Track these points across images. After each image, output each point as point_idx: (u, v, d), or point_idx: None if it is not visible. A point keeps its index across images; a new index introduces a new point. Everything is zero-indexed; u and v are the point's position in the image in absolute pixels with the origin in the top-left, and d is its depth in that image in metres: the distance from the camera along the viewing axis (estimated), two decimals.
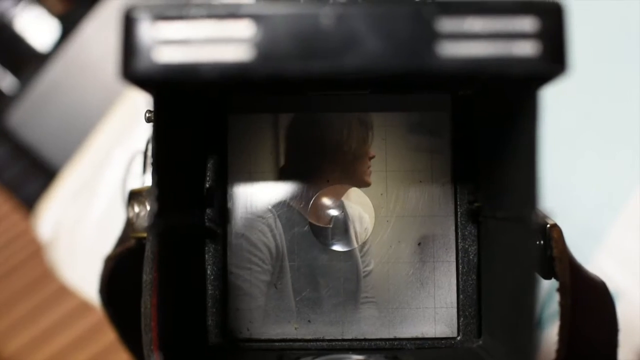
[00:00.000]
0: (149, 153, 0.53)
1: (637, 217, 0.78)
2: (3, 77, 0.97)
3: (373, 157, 0.49)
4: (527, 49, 0.34)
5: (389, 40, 0.33)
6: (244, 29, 0.33)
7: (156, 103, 0.36)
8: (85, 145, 0.91)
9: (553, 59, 0.34)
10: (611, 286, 0.49)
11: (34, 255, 0.94)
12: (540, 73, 0.34)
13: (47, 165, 0.93)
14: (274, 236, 0.48)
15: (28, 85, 0.94)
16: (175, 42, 0.33)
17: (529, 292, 0.36)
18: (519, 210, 0.38)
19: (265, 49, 0.33)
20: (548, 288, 0.45)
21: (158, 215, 0.36)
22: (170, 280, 0.40)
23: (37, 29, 0.98)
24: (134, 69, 0.34)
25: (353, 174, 0.49)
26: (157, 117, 0.36)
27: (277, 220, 0.49)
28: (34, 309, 0.92)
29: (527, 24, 0.34)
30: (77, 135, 0.91)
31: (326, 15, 0.33)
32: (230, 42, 0.33)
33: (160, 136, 0.37)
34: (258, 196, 0.49)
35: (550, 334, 0.43)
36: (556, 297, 0.42)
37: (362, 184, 0.49)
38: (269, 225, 0.49)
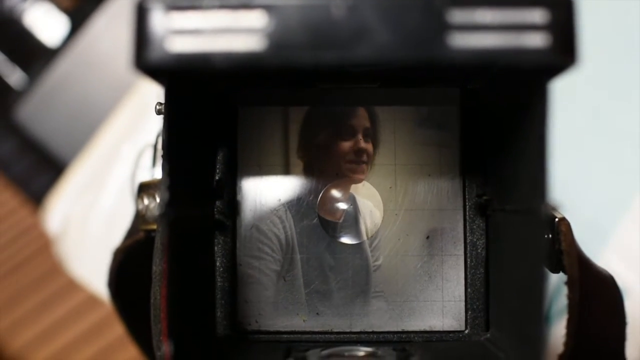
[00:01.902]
0: (159, 146, 0.53)
1: None
2: (12, 72, 0.97)
3: (359, 150, 0.49)
4: (537, 40, 0.34)
5: (399, 31, 0.33)
6: (256, 19, 0.34)
7: (168, 93, 0.36)
8: (93, 140, 0.91)
9: (563, 51, 0.34)
10: (618, 283, 0.49)
11: (43, 249, 0.94)
12: (550, 65, 0.34)
13: (56, 160, 0.93)
14: (284, 228, 0.49)
15: (37, 80, 0.95)
16: (188, 32, 0.34)
17: (538, 284, 0.36)
18: (529, 203, 0.38)
19: (277, 39, 0.34)
20: (557, 283, 0.45)
21: (168, 205, 0.36)
22: (180, 271, 0.40)
23: (46, 24, 0.98)
24: (147, 59, 0.34)
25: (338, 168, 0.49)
26: (169, 107, 0.37)
27: (288, 212, 0.49)
28: (43, 302, 0.92)
29: (537, 15, 0.34)
30: (85, 130, 0.92)
31: (337, 6, 0.34)
32: (243, 32, 0.34)
33: (171, 126, 0.37)
34: (267, 189, 0.49)
35: (559, 328, 0.43)
36: (565, 291, 0.42)
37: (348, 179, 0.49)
38: (279, 217, 0.49)
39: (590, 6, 0.81)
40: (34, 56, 0.97)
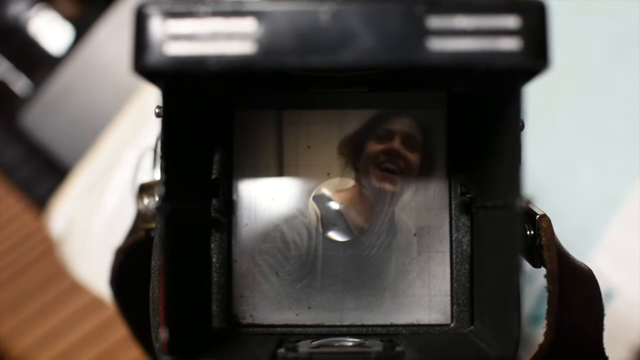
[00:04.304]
0: (158, 149, 0.55)
1: (633, 216, 0.79)
2: (17, 79, 0.99)
3: (392, 151, 0.51)
4: (511, 44, 0.36)
5: (382, 36, 0.36)
6: (248, 25, 0.36)
7: (165, 95, 0.39)
8: (96, 145, 0.92)
9: (535, 55, 0.36)
10: (607, 284, 0.50)
11: (46, 253, 0.95)
12: (523, 67, 0.36)
13: (60, 165, 0.94)
14: (280, 225, 0.50)
15: (41, 87, 0.96)
16: (184, 37, 0.36)
17: (513, 273, 0.38)
18: (505, 198, 0.40)
19: (267, 44, 0.36)
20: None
21: (165, 199, 0.39)
22: (178, 265, 0.42)
23: (51, 32, 1.00)
24: (145, 62, 0.36)
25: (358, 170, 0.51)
26: (166, 108, 0.39)
27: (282, 211, 0.50)
28: (46, 305, 0.93)
29: (511, 21, 0.36)
30: (88, 136, 0.93)
31: (324, 13, 0.36)
32: (235, 37, 0.36)
33: (167, 126, 0.39)
34: (262, 189, 0.51)
35: None
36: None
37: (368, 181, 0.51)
38: (276, 216, 0.50)
39: (577, 7, 0.83)
40: (38, 64, 0.98)
